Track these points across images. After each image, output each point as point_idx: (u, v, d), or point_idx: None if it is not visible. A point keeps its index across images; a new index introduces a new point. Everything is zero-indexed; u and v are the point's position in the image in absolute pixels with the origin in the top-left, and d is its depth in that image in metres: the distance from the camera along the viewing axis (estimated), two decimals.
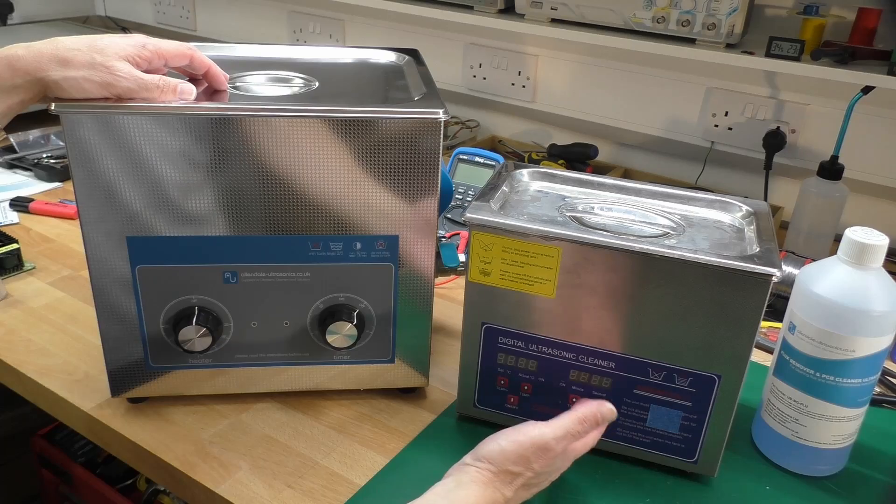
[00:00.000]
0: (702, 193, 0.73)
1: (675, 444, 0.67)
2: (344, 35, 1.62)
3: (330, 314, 0.69)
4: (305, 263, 0.67)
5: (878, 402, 0.80)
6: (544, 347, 0.67)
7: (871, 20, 1.03)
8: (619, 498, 0.66)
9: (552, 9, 1.21)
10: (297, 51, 0.82)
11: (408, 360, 0.74)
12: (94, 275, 0.66)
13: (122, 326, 0.68)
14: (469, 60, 1.47)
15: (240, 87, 0.70)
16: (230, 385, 0.73)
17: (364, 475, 0.67)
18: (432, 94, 0.68)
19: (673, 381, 0.65)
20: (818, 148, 1.17)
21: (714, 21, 1.08)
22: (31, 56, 0.59)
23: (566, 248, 0.63)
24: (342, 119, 0.62)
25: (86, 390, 0.75)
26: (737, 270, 0.59)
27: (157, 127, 0.61)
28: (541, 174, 0.75)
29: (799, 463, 0.69)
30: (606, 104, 1.36)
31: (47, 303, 0.90)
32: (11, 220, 1.09)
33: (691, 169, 1.30)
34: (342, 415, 0.74)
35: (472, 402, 0.72)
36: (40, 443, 1.13)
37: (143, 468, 0.71)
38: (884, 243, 0.63)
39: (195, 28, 1.90)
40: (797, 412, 0.67)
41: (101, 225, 0.64)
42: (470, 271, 0.66)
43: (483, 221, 0.64)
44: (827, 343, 0.64)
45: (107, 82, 0.60)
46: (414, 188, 0.65)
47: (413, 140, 0.63)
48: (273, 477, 0.66)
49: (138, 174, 0.62)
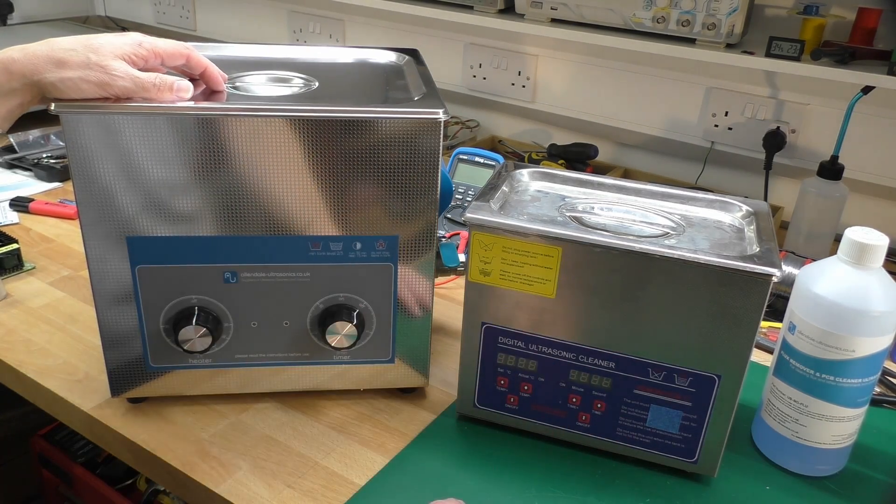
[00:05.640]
0: (702, 193, 0.73)
1: (675, 444, 0.67)
2: (344, 35, 1.62)
3: (330, 314, 0.69)
4: (305, 263, 0.67)
5: (878, 402, 0.80)
6: (544, 347, 0.67)
7: (871, 20, 1.03)
8: (619, 498, 0.66)
9: (552, 9, 1.21)
10: (297, 51, 0.82)
11: (408, 360, 0.74)
12: (94, 275, 0.66)
13: (121, 326, 0.68)
14: (469, 60, 1.47)
15: (239, 87, 0.70)
16: (230, 385, 0.73)
17: (364, 475, 0.67)
18: (432, 94, 0.68)
19: (673, 381, 0.65)
20: (818, 148, 1.17)
21: (714, 21, 1.08)
22: (27, 59, 0.59)
23: (566, 248, 0.63)
24: (342, 119, 0.62)
25: (86, 390, 0.75)
26: (737, 270, 0.59)
27: (156, 127, 0.61)
28: (541, 174, 0.75)
29: (799, 463, 0.69)
30: (606, 104, 1.36)
31: (47, 303, 0.90)
32: (11, 220, 1.09)
33: (691, 169, 1.30)
34: (342, 415, 0.74)
35: (472, 402, 0.72)
36: (40, 443, 1.13)
37: (143, 468, 0.71)
38: (884, 243, 0.63)
39: (195, 28, 1.90)
40: (797, 412, 0.67)
41: (101, 225, 0.64)
42: (470, 271, 0.66)
43: (483, 221, 0.64)
44: (827, 343, 0.64)
45: (103, 82, 0.60)
46: (414, 188, 0.65)
47: (413, 140, 0.63)
48: (273, 477, 0.66)
49: (138, 174, 0.62)
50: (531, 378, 0.69)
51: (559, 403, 0.69)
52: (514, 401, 0.70)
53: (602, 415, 0.68)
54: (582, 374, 0.67)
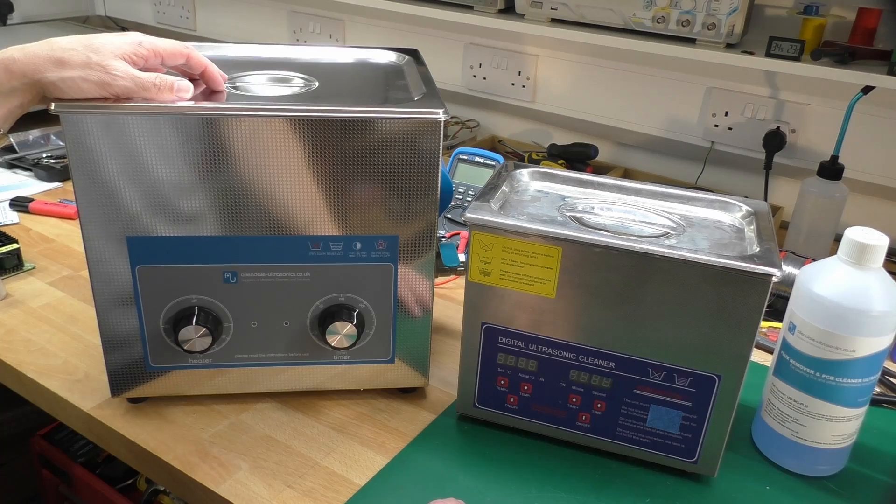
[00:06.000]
0: (702, 193, 0.73)
1: (675, 444, 0.67)
2: (344, 35, 1.62)
3: (330, 314, 0.69)
4: (305, 263, 0.67)
5: (878, 402, 0.80)
6: (544, 347, 0.67)
7: (871, 20, 1.03)
8: (619, 498, 0.66)
9: (552, 9, 1.21)
10: (297, 51, 0.82)
11: (408, 360, 0.74)
12: (94, 275, 0.66)
13: (121, 326, 0.68)
14: (469, 60, 1.47)
15: (240, 87, 0.70)
16: (230, 385, 0.73)
17: (364, 475, 0.67)
18: (432, 94, 0.68)
19: (673, 381, 0.65)
20: (818, 148, 1.17)
21: (714, 21, 1.08)
22: (27, 58, 0.59)
23: (566, 248, 0.63)
24: (342, 119, 0.62)
25: (86, 390, 0.75)
26: (737, 270, 0.59)
27: (157, 127, 0.61)
28: (541, 174, 0.75)
29: (799, 463, 0.69)
30: (606, 104, 1.36)
31: (47, 303, 0.90)
32: (11, 220, 1.09)
33: (691, 169, 1.30)
34: (342, 415, 0.74)
35: (472, 402, 0.72)
36: (40, 443, 1.12)
37: (143, 468, 0.71)
38: (884, 243, 0.63)
39: (195, 28, 1.90)
40: (797, 412, 0.67)
41: (101, 225, 0.64)
42: (470, 271, 0.66)
43: (483, 221, 0.64)
44: (827, 343, 0.64)
45: (103, 81, 0.60)
46: (414, 188, 0.65)
47: (413, 140, 0.63)
48: (273, 477, 0.66)
49: (138, 174, 0.62)
50: (531, 378, 0.69)
51: (559, 403, 0.69)
52: (514, 401, 0.70)
53: (602, 415, 0.68)
54: (582, 374, 0.67)
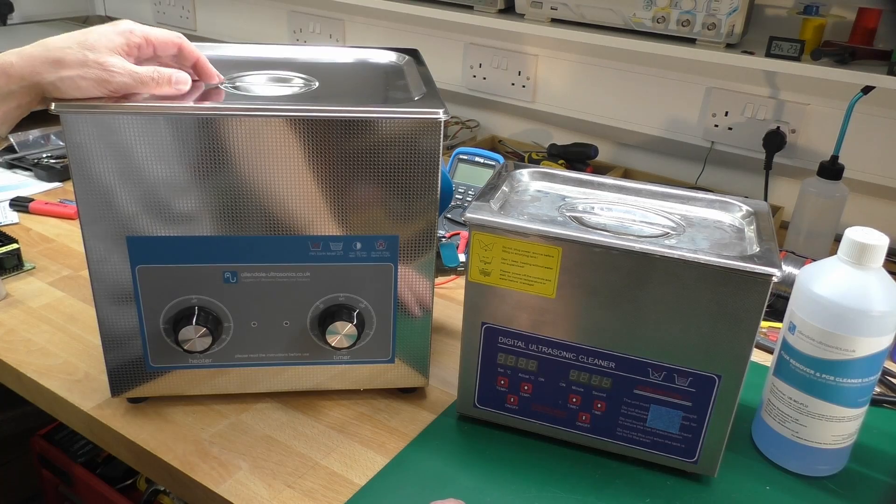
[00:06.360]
0: (702, 193, 0.73)
1: (675, 444, 0.67)
2: (344, 35, 1.62)
3: (330, 314, 0.69)
4: (305, 263, 0.67)
5: (878, 402, 0.80)
6: (544, 347, 0.67)
7: (871, 20, 1.03)
8: (619, 498, 0.66)
9: (552, 9, 1.21)
10: (297, 51, 0.82)
11: (408, 360, 0.74)
12: (93, 275, 0.66)
13: (121, 326, 0.68)
14: (469, 60, 1.47)
15: (240, 87, 0.70)
16: (230, 385, 0.73)
17: (364, 475, 0.67)
18: (432, 94, 0.68)
19: (673, 381, 0.65)
20: (818, 148, 1.17)
21: (714, 21, 1.08)
22: (24, 61, 0.60)
23: (566, 248, 0.63)
24: (342, 119, 0.62)
25: (86, 390, 0.75)
26: (737, 270, 0.59)
27: (156, 127, 0.61)
28: (541, 174, 0.75)
29: (799, 463, 0.69)
30: (606, 104, 1.36)
31: (47, 303, 0.90)
32: (11, 220, 1.09)
33: (691, 169, 1.30)
34: (342, 415, 0.74)
35: (472, 402, 0.72)
36: (40, 443, 1.13)
37: (143, 468, 0.71)
38: (884, 243, 0.63)
39: (195, 28, 1.90)
40: (797, 412, 0.67)
41: (101, 225, 0.64)
42: (470, 271, 0.66)
43: (483, 221, 0.64)
44: (827, 343, 0.64)
45: (102, 79, 0.60)
46: (414, 188, 0.65)
47: (413, 140, 0.63)
48: (273, 477, 0.66)
49: (138, 174, 0.62)
50: (531, 378, 0.69)
51: (559, 403, 0.69)
52: (514, 401, 0.70)
53: (602, 415, 0.68)
54: (582, 374, 0.67)
